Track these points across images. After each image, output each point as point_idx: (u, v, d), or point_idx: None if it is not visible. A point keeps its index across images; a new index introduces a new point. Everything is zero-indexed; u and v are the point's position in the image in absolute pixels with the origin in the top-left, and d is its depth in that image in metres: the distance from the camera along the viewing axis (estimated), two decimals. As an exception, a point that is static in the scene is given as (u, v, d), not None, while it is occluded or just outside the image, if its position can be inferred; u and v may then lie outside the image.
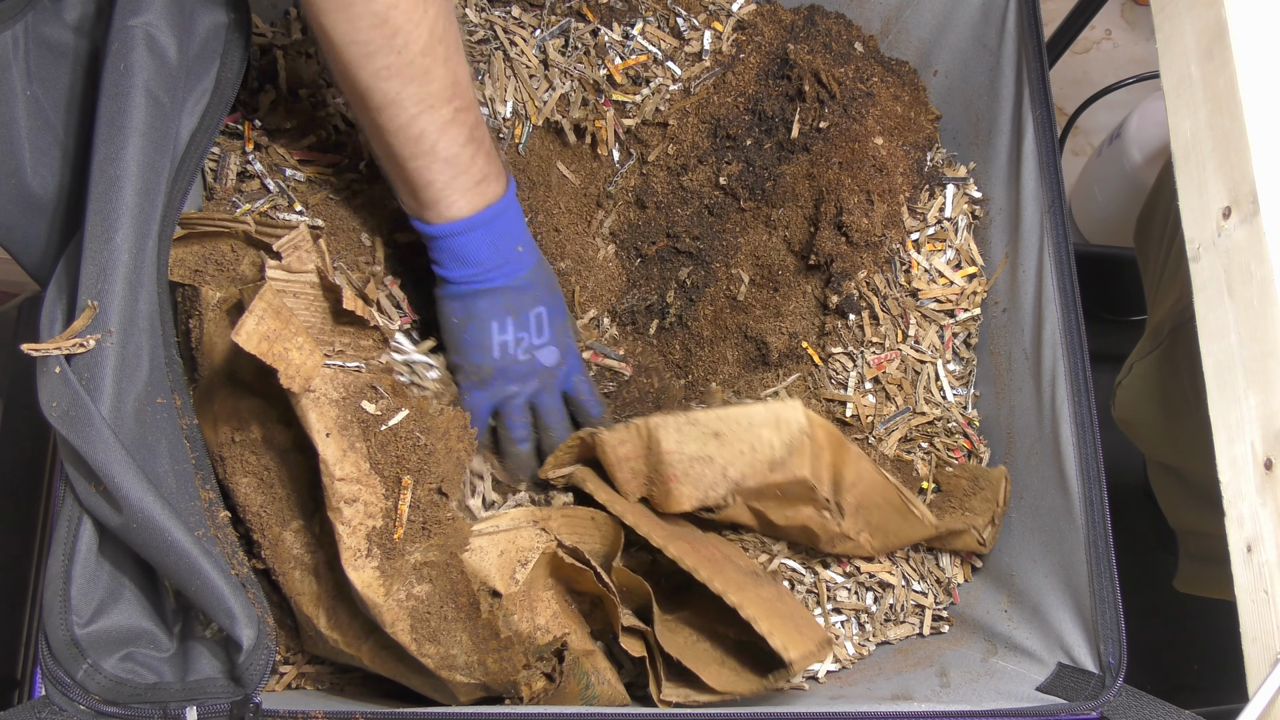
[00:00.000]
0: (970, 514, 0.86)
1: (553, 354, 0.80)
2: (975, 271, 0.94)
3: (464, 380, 0.80)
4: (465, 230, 0.74)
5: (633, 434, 0.80)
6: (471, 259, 0.76)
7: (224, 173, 0.84)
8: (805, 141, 0.91)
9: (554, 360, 0.80)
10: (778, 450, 0.78)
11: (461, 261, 0.76)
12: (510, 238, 0.76)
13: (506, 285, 0.77)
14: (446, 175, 0.72)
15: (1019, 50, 0.89)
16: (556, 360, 0.80)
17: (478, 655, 0.71)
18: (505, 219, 0.76)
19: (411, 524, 0.70)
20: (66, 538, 0.65)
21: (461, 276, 0.76)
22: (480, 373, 0.79)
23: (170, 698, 0.65)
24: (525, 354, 0.79)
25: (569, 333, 0.82)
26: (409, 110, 0.69)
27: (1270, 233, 0.64)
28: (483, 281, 0.76)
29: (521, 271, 0.77)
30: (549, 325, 0.79)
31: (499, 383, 0.80)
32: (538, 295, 0.78)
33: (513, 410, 0.81)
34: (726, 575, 0.76)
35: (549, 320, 0.79)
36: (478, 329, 0.78)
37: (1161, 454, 1.13)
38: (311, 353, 0.66)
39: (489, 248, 0.76)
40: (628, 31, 0.94)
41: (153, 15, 0.70)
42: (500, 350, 0.78)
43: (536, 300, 0.78)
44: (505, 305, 0.77)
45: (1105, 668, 0.71)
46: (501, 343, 0.78)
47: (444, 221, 0.74)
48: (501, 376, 0.79)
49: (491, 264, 0.76)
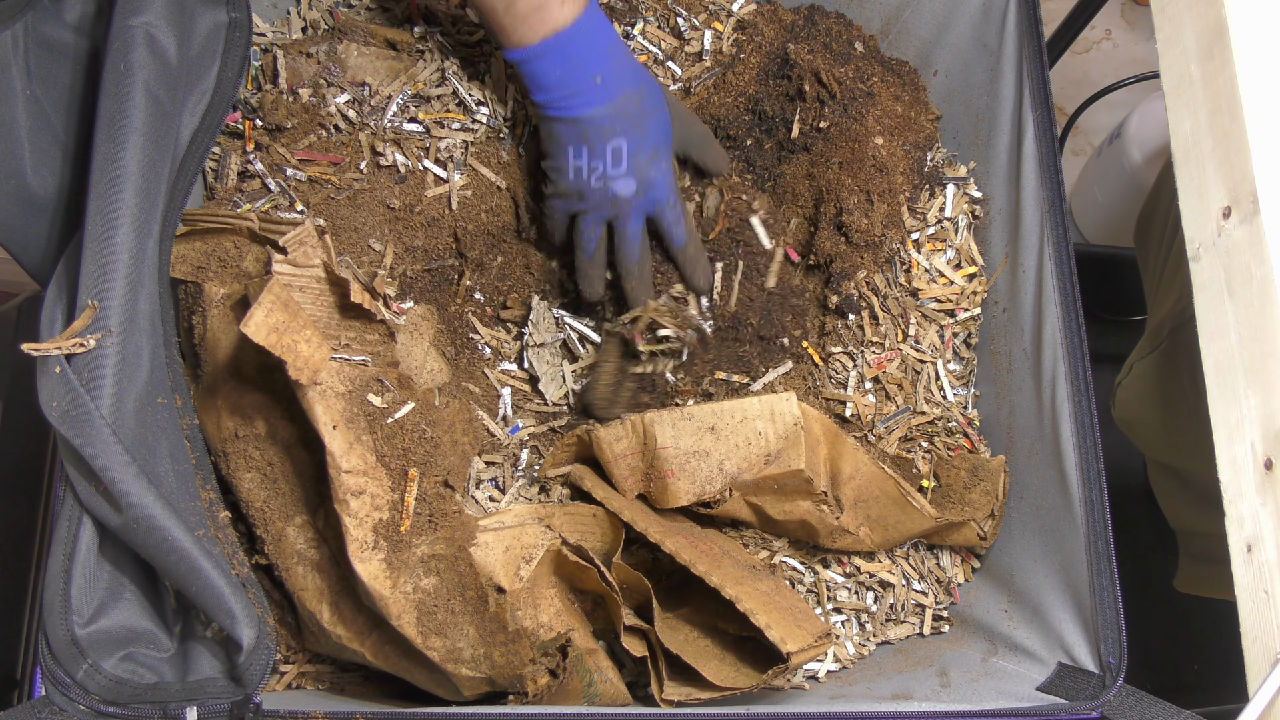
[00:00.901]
0: (970, 507, 0.86)
1: (629, 184, 0.81)
2: (975, 271, 0.94)
3: (547, 187, 0.84)
4: (533, 58, 0.77)
5: (628, 430, 0.80)
6: (544, 84, 0.78)
7: (225, 172, 0.84)
8: (805, 141, 0.91)
9: (630, 191, 0.81)
10: (772, 443, 0.78)
11: (538, 86, 0.79)
12: (583, 66, 0.78)
13: (581, 116, 0.79)
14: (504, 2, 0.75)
15: (1019, 50, 0.89)
16: (633, 191, 0.82)
17: (484, 648, 0.71)
18: (575, 46, 0.77)
19: (418, 516, 0.71)
20: (67, 538, 0.65)
21: (541, 101, 0.79)
22: (558, 186, 0.83)
23: (170, 698, 0.65)
24: (599, 181, 0.81)
25: (659, 165, 0.83)
26: None
27: (1270, 233, 0.64)
28: (559, 109, 0.79)
29: (597, 104, 0.79)
30: (628, 157, 0.80)
31: (574, 199, 0.83)
32: (617, 127, 0.80)
33: (584, 224, 0.84)
34: (724, 569, 0.76)
35: (629, 153, 0.80)
36: (556, 150, 0.81)
37: (1161, 454, 1.13)
38: (319, 345, 0.67)
39: (559, 75, 0.78)
40: (628, 31, 0.94)
41: (153, 15, 0.70)
42: (575, 174, 0.81)
43: (615, 132, 0.80)
44: (580, 134, 0.79)
45: (1105, 667, 0.71)
46: (576, 168, 0.81)
47: (513, 48, 0.77)
48: (574, 196, 0.82)
49: (565, 91, 0.78)
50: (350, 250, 0.84)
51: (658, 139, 0.82)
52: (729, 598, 0.73)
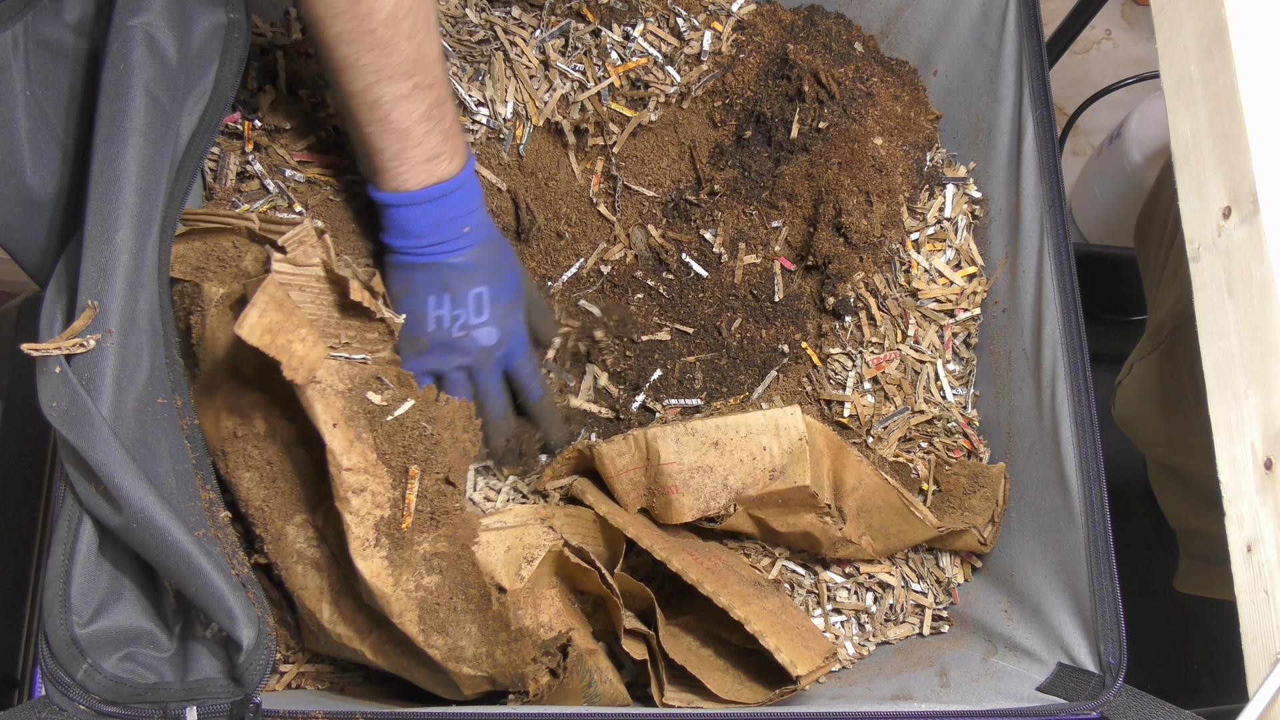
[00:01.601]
0: (970, 513, 0.86)
1: (491, 334, 0.80)
2: (975, 271, 0.94)
3: (402, 349, 0.81)
4: (409, 203, 0.75)
5: (631, 445, 0.79)
6: (412, 231, 0.77)
7: (224, 173, 0.84)
8: (805, 142, 0.91)
9: (492, 340, 0.80)
10: (777, 458, 0.78)
11: (403, 232, 0.77)
12: (457, 218, 0.77)
13: (444, 262, 0.78)
14: (396, 146, 0.73)
15: (1019, 50, 0.89)
16: (495, 340, 0.81)
17: (486, 647, 0.71)
18: (454, 199, 0.76)
19: (419, 514, 0.71)
20: (66, 538, 0.65)
21: (402, 246, 0.77)
22: (415, 344, 0.80)
23: (170, 698, 0.65)
24: (461, 331, 0.79)
25: (515, 314, 0.82)
26: (366, 77, 0.70)
27: (1270, 233, 0.64)
28: (421, 255, 0.77)
29: (461, 250, 0.78)
30: (489, 306, 0.80)
31: (434, 354, 0.80)
32: (480, 275, 0.79)
33: (450, 381, 0.82)
34: (731, 588, 0.76)
35: (489, 300, 0.80)
36: (414, 300, 0.79)
37: (1161, 454, 1.13)
38: (315, 344, 0.67)
39: (431, 224, 0.76)
40: (628, 32, 0.94)
41: (152, 15, 0.70)
42: (435, 324, 0.79)
43: (478, 280, 0.79)
44: (442, 281, 0.78)
45: (1105, 668, 0.71)
46: (437, 317, 0.79)
47: (391, 191, 0.75)
48: (437, 349, 0.80)
49: (432, 239, 0.77)
50: (349, 252, 0.84)
51: (514, 289, 0.82)
52: (738, 618, 0.73)
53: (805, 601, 0.88)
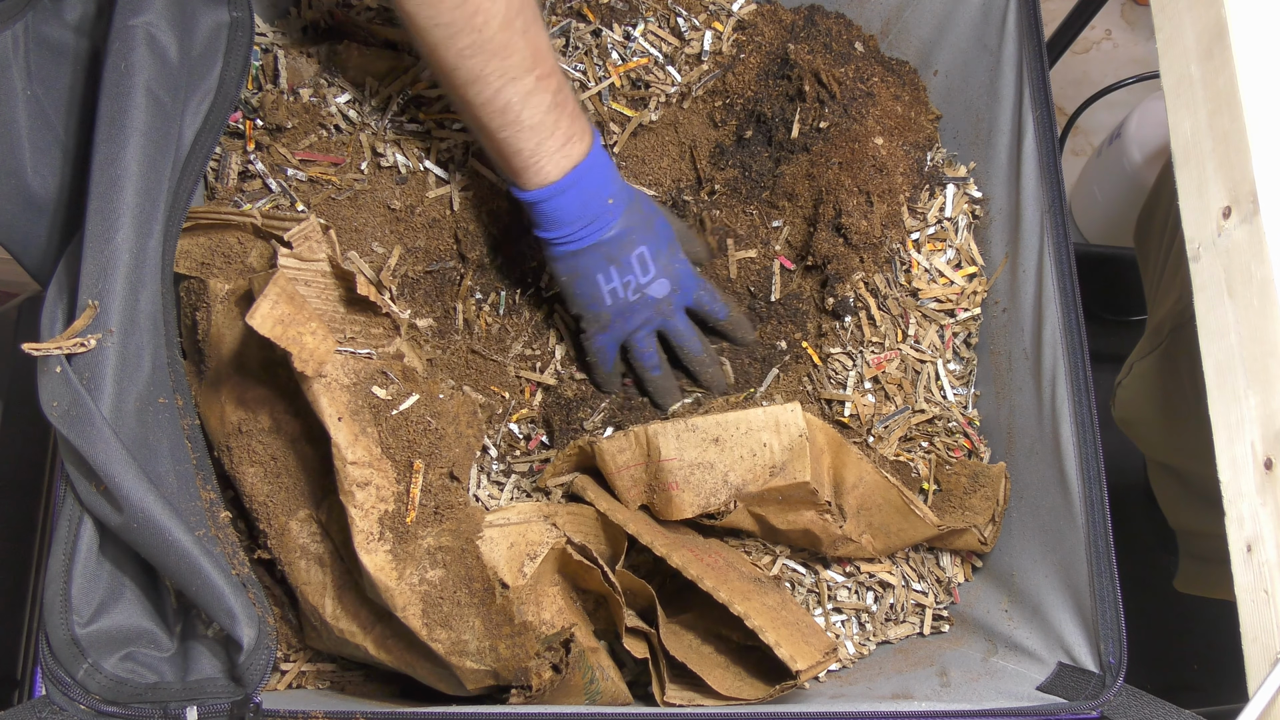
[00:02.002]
0: (971, 513, 0.86)
1: (663, 285, 0.83)
2: (975, 271, 0.94)
3: (587, 327, 0.84)
4: (556, 194, 0.77)
5: (631, 442, 0.80)
6: (564, 220, 0.78)
7: (225, 172, 0.84)
8: (805, 142, 0.91)
9: (665, 291, 0.83)
10: (778, 455, 0.78)
11: (556, 223, 0.79)
12: (599, 192, 0.79)
13: (602, 239, 0.79)
14: (534, 142, 0.75)
15: (1019, 50, 0.89)
16: (668, 290, 0.83)
17: (490, 641, 0.71)
18: (593, 174, 0.78)
19: (423, 508, 0.71)
20: (67, 537, 0.65)
21: (558, 237, 0.79)
22: (599, 320, 0.83)
23: (170, 697, 0.65)
24: (635, 294, 0.82)
25: (677, 257, 0.84)
26: (493, 84, 0.72)
27: (1270, 233, 0.64)
28: (579, 240, 0.79)
29: (612, 223, 0.79)
30: (653, 261, 0.82)
31: (619, 324, 0.84)
32: (634, 238, 0.81)
33: (637, 343, 0.85)
34: (731, 583, 0.76)
35: (651, 256, 0.82)
36: (586, 284, 0.81)
37: (1161, 454, 1.13)
38: (325, 338, 0.67)
39: (579, 207, 0.78)
40: (629, 32, 0.94)
41: (153, 15, 0.70)
42: (611, 297, 0.82)
43: (634, 243, 0.81)
44: (605, 256, 0.80)
45: (1105, 667, 0.71)
46: (611, 290, 0.81)
47: (535, 188, 0.77)
48: (619, 318, 0.83)
49: (583, 221, 0.79)
50: (352, 249, 0.84)
51: (667, 235, 0.84)
52: (737, 614, 0.73)
53: (806, 600, 0.88)
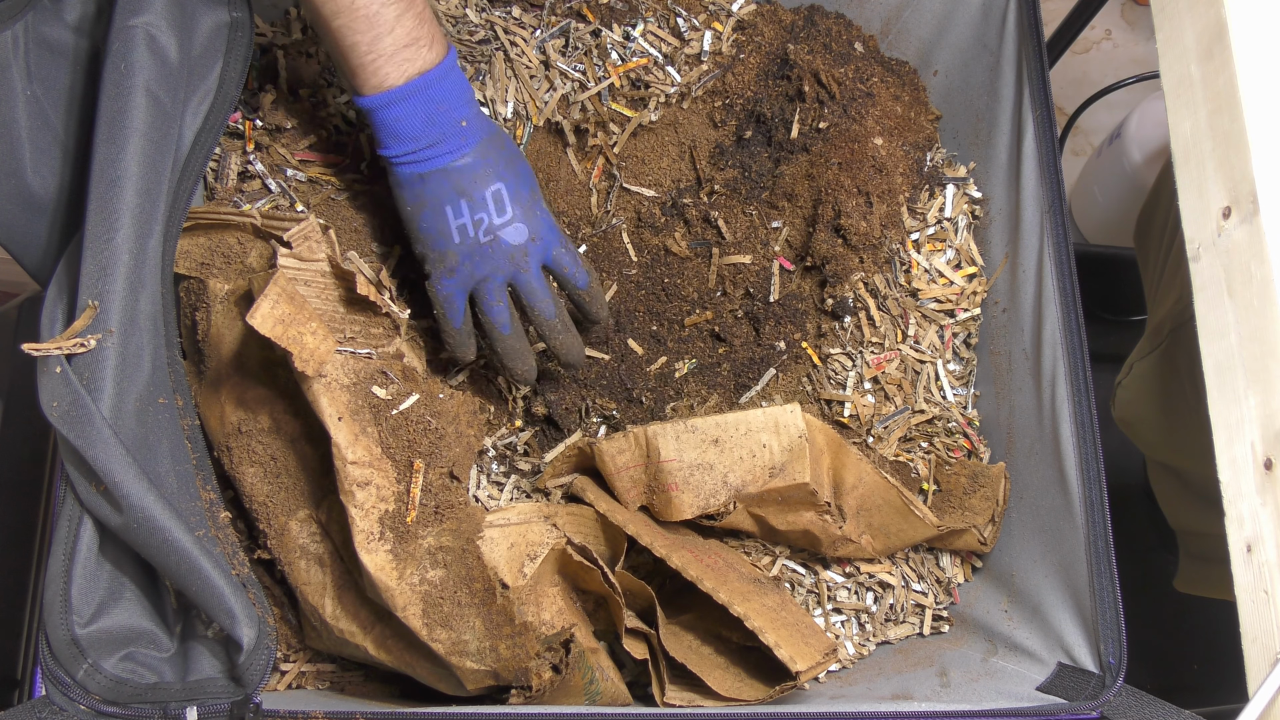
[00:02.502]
0: (970, 513, 0.86)
1: (520, 231, 0.75)
2: (975, 271, 0.94)
3: (432, 269, 0.76)
4: (396, 100, 0.71)
5: (631, 443, 0.80)
6: (406, 133, 0.72)
7: (225, 173, 0.84)
8: (805, 142, 0.91)
9: (522, 238, 0.75)
10: (777, 455, 0.78)
11: (397, 136, 0.72)
12: (450, 109, 0.72)
13: (452, 164, 0.73)
14: (369, 36, 0.69)
15: (1019, 50, 0.89)
16: (526, 237, 0.75)
17: (490, 641, 0.71)
18: (442, 87, 0.72)
19: (424, 507, 0.71)
20: (67, 538, 0.65)
21: (400, 154, 0.73)
22: (445, 260, 0.75)
23: (170, 698, 0.65)
24: (487, 235, 0.74)
25: (538, 205, 0.76)
26: None
27: (1270, 233, 0.64)
28: (425, 161, 0.73)
29: (466, 149, 0.73)
30: (510, 201, 0.74)
31: (466, 267, 0.75)
32: (492, 171, 0.74)
33: (487, 294, 0.76)
34: (731, 585, 0.76)
35: (509, 196, 0.74)
36: (432, 214, 0.74)
37: (1161, 454, 1.13)
38: (325, 337, 0.67)
39: (424, 120, 0.72)
40: (628, 32, 0.94)
41: (153, 15, 0.70)
42: (460, 234, 0.74)
43: (491, 177, 0.74)
44: (455, 186, 0.73)
45: (1105, 667, 0.71)
46: (460, 225, 0.74)
47: (372, 91, 0.71)
48: (468, 260, 0.75)
49: (429, 139, 0.72)
50: (352, 249, 0.84)
51: (530, 181, 0.77)
52: (737, 615, 0.73)
53: (806, 601, 0.88)
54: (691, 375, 0.91)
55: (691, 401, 0.90)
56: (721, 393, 0.91)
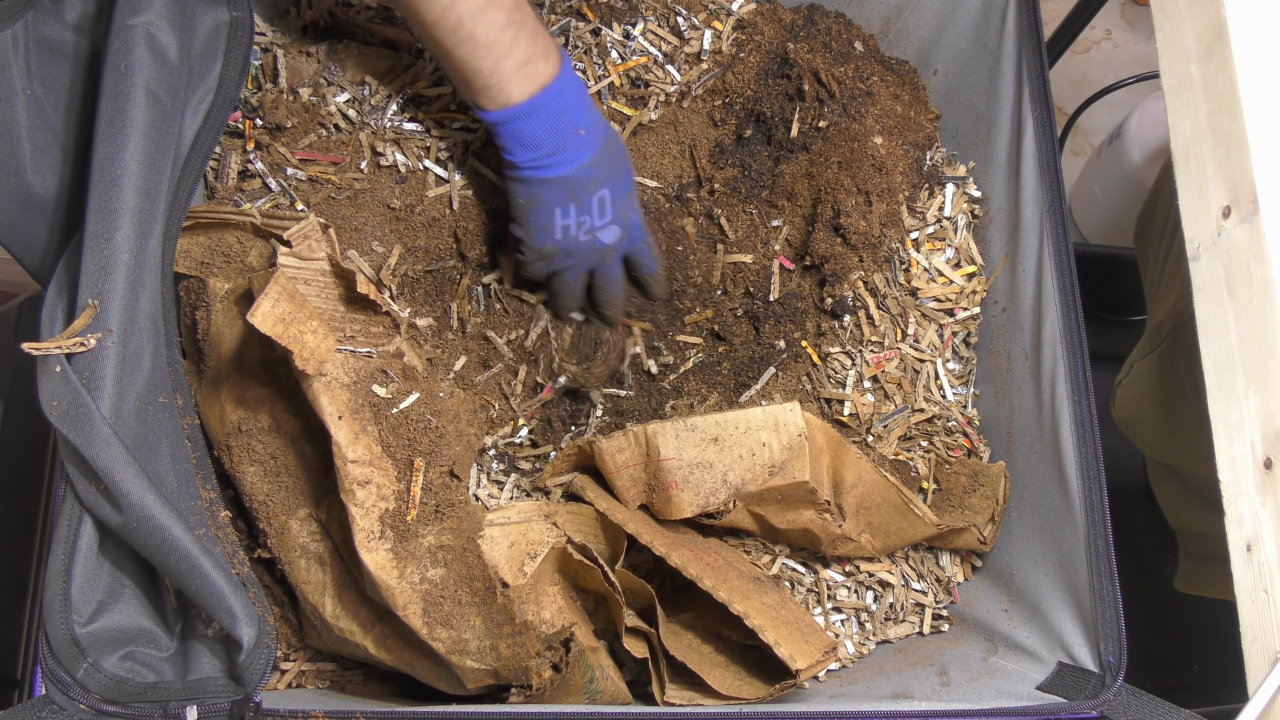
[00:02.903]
0: (970, 512, 0.86)
1: (614, 232, 0.81)
2: (975, 271, 0.94)
3: (527, 253, 0.82)
4: (522, 115, 0.75)
5: (630, 441, 0.80)
6: (531, 142, 0.76)
7: (225, 172, 0.84)
8: (805, 141, 0.91)
9: (615, 238, 0.81)
10: (777, 454, 0.78)
11: (523, 145, 0.77)
12: (569, 120, 0.77)
13: (569, 173, 0.77)
14: (490, 62, 0.73)
15: (1019, 50, 0.89)
16: (618, 237, 0.82)
17: (490, 640, 0.72)
18: (561, 100, 0.76)
19: (424, 506, 0.71)
20: (67, 537, 0.65)
21: (525, 160, 0.77)
22: (542, 252, 0.81)
23: (170, 697, 0.65)
24: (587, 234, 0.80)
25: (633, 206, 0.83)
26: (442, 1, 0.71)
27: (1270, 233, 0.64)
28: (546, 168, 0.77)
29: (584, 157, 0.78)
30: (611, 206, 0.80)
31: (559, 259, 0.82)
32: (602, 178, 0.79)
33: (569, 275, 0.83)
34: (730, 583, 0.76)
35: (612, 201, 0.80)
36: (543, 213, 0.79)
37: (1161, 454, 1.13)
38: (325, 336, 0.67)
39: (548, 131, 0.76)
40: (628, 31, 0.94)
41: (153, 14, 0.70)
42: (563, 233, 0.79)
43: (600, 184, 0.79)
44: (569, 192, 0.78)
45: (1105, 667, 0.71)
46: (564, 226, 0.79)
47: (499, 108, 0.75)
48: (563, 255, 0.81)
49: (552, 147, 0.77)
50: (352, 248, 0.84)
51: (630, 184, 0.82)
52: (737, 613, 0.73)
53: (805, 599, 0.88)
54: (692, 374, 0.91)
55: (691, 400, 0.90)
56: (721, 391, 0.91)
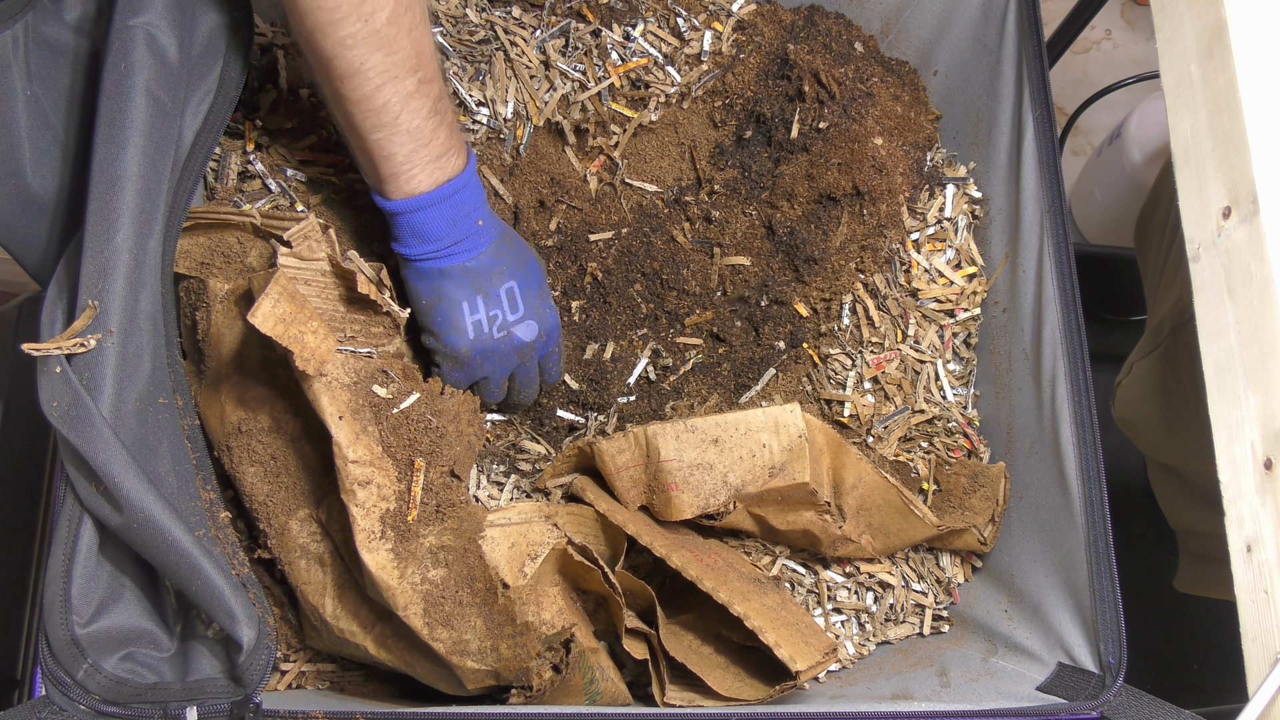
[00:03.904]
0: (970, 513, 0.86)
1: (531, 328, 0.79)
2: (975, 271, 0.94)
3: (442, 362, 0.79)
4: (425, 206, 0.73)
5: (631, 443, 0.80)
6: (430, 235, 0.74)
7: (225, 173, 0.84)
8: (805, 142, 0.91)
9: (532, 335, 0.79)
10: (777, 455, 0.78)
11: (421, 238, 0.74)
12: (470, 213, 0.75)
13: (468, 264, 0.76)
14: (408, 148, 0.71)
15: (1019, 50, 0.89)
16: (535, 334, 0.79)
17: (491, 640, 0.71)
18: (465, 194, 0.75)
19: (425, 506, 0.71)
20: (67, 537, 0.65)
21: (421, 253, 0.75)
22: (458, 357, 0.78)
23: (170, 698, 0.65)
24: (501, 331, 0.78)
25: (547, 302, 0.81)
26: (373, 80, 0.68)
27: (1270, 233, 0.64)
28: (445, 258, 0.75)
29: (483, 248, 0.76)
30: (522, 299, 0.78)
31: (477, 363, 0.79)
32: (506, 269, 0.77)
33: (492, 383, 0.81)
34: (731, 585, 0.76)
35: (521, 294, 0.78)
36: (450, 310, 0.76)
37: (1161, 454, 1.13)
38: (326, 336, 0.67)
39: (448, 223, 0.74)
40: (628, 32, 0.94)
41: (153, 15, 0.70)
42: (475, 330, 0.77)
43: (505, 275, 0.77)
44: (472, 284, 0.76)
45: (1105, 667, 0.71)
46: (474, 322, 0.77)
47: (404, 197, 0.73)
48: (479, 356, 0.78)
49: (451, 239, 0.75)
50: (352, 249, 0.84)
51: (539, 276, 0.81)
52: (737, 614, 0.73)
53: (806, 600, 0.88)
54: (692, 375, 0.91)
55: (691, 401, 0.90)
56: (721, 392, 0.91)
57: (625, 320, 0.91)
